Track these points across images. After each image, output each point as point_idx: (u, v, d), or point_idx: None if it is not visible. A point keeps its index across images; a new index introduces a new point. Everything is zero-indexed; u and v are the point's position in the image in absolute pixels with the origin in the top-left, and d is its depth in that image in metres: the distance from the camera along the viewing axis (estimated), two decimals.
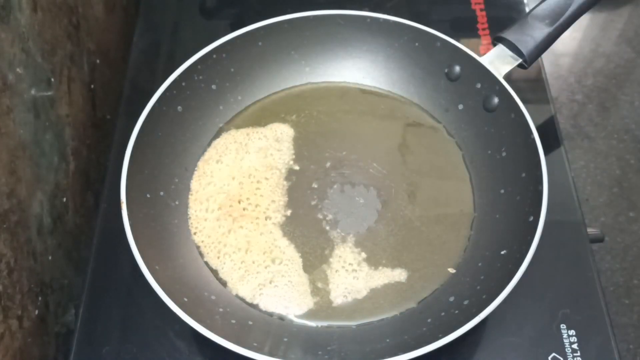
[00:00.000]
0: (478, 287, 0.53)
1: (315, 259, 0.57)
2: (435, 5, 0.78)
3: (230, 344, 0.46)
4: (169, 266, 0.54)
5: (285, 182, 0.61)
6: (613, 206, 1.24)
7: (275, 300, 0.55)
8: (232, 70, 0.65)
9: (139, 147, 0.56)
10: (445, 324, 0.49)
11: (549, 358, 0.53)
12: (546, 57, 0.69)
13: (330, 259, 0.57)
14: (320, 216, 0.59)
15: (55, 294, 0.59)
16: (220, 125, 0.65)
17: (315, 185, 0.61)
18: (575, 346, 0.53)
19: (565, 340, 0.54)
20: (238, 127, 0.65)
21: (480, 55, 0.62)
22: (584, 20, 1.48)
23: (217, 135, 0.64)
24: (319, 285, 0.56)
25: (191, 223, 0.59)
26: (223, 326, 0.51)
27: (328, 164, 0.63)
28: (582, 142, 1.33)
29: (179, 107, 0.61)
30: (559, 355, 0.53)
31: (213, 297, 0.54)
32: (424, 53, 0.65)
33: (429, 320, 0.53)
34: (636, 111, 1.37)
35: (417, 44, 0.65)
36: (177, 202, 0.59)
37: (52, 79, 0.59)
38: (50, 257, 0.58)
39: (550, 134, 0.66)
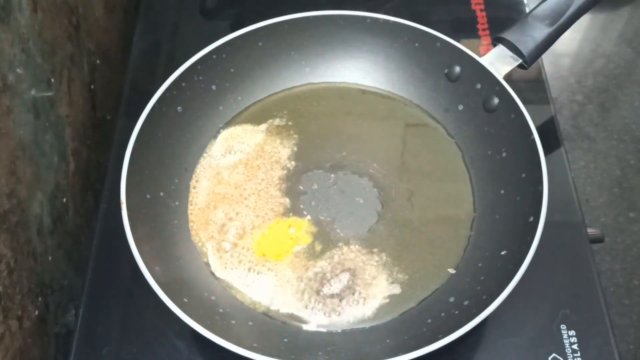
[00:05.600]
0: (478, 288, 0.53)
1: (315, 259, 0.57)
2: (435, 5, 0.78)
3: (230, 344, 0.46)
4: (169, 266, 0.54)
5: (285, 183, 0.61)
6: (613, 206, 1.24)
7: (275, 301, 0.55)
8: (232, 70, 0.65)
9: (139, 147, 0.56)
10: (445, 325, 0.49)
11: (549, 358, 0.53)
12: (546, 58, 0.69)
13: (331, 260, 0.57)
14: (320, 217, 0.59)
15: (55, 294, 0.59)
16: (220, 125, 0.65)
17: (315, 186, 0.61)
18: (575, 347, 0.53)
19: (565, 341, 0.54)
20: (238, 128, 0.65)
21: (480, 55, 0.62)
22: (584, 20, 1.48)
23: (217, 135, 0.64)
24: (320, 286, 0.56)
25: (191, 223, 0.59)
26: (223, 327, 0.51)
27: (328, 165, 0.63)
28: (582, 142, 1.33)
29: (179, 108, 0.61)
30: (559, 355, 0.53)
31: (213, 298, 0.54)
32: (424, 53, 0.65)
33: (429, 320, 0.53)
34: (636, 111, 1.37)
35: (417, 44, 0.65)
36: (177, 203, 0.59)
37: (52, 80, 0.59)
38: (50, 258, 0.58)
39: (551, 134, 0.66)
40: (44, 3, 0.57)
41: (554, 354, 0.53)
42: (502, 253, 0.54)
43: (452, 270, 0.56)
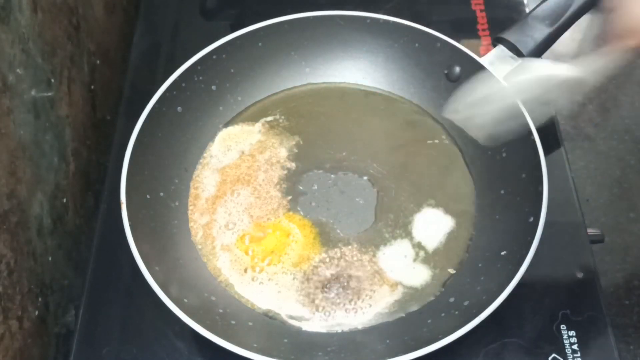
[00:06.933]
0: (478, 288, 0.53)
1: (315, 260, 0.57)
2: (435, 6, 0.78)
3: (230, 344, 0.46)
4: (169, 267, 0.54)
5: (285, 183, 0.61)
6: (613, 207, 1.23)
7: (275, 301, 0.55)
8: (232, 70, 0.65)
9: (139, 147, 0.56)
10: (445, 325, 0.49)
11: (549, 359, 0.53)
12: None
13: (331, 261, 0.57)
14: (321, 218, 0.59)
15: (55, 294, 0.59)
16: (220, 126, 0.65)
17: (315, 187, 0.61)
18: (575, 347, 0.53)
19: (565, 341, 0.54)
20: (238, 128, 0.65)
21: (480, 56, 0.62)
22: (584, 21, 1.48)
23: (217, 135, 0.64)
24: (320, 286, 0.55)
25: (191, 223, 0.59)
26: (223, 327, 0.51)
27: (328, 165, 0.63)
28: (582, 142, 1.33)
29: (179, 108, 0.61)
30: (559, 356, 0.53)
31: (213, 298, 0.54)
32: (424, 54, 0.65)
33: (429, 321, 0.53)
34: (636, 111, 1.37)
35: (417, 44, 0.65)
36: (177, 203, 0.59)
37: (52, 80, 0.59)
38: (50, 258, 0.58)
39: (551, 134, 0.66)
40: (44, 3, 0.57)
41: (554, 354, 0.53)
42: (502, 253, 0.54)
43: (452, 270, 0.56)
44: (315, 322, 0.54)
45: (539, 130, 0.56)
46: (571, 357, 0.53)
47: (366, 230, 0.59)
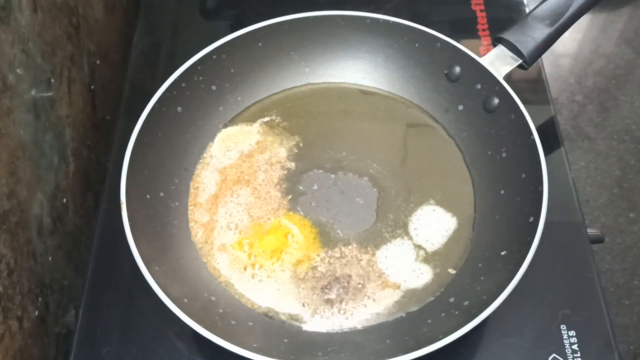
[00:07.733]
0: (478, 288, 0.53)
1: (315, 260, 0.57)
2: (435, 6, 0.78)
3: (230, 344, 0.46)
4: (169, 267, 0.54)
5: (285, 183, 0.61)
6: (613, 207, 1.24)
7: (275, 299, 0.55)
8: (232, 71, 0.65)
9: (139, 147, 0.56)
10: (445, 325, 0.49)
11: (549, 359, 0.53)
12: (546, 58, 0.69)
13: (331, 261, 0.57)
14: (320, 218, 0.59)
15: (55, 294, 0.59)
16: (220, 126, 0.65)
17: (315, 187, 0.61)
18: (575, 347, 0.53)
19: (565, 341, 0.54)
20: (238, 128, 0.65)
21: (480, 56, 0.62)
22: (584, 21, 1.48)
23: (217, 135, 0.64)
24: (319, 286, 0.56)
25: (191, 223, 0.59)
26: (223, 327, 0.51)
27: (328, 165, 0.63)
28: (582, 142, 1.33)
29: (179, 108, 0.61)
30: (559, 356, 0.53)
31: (213, 298, 0.54)
32: (424, 54, 0.65)
33: (429, 321, 0.53)
34: (636, 112, 1.37)
35: (417, 44, 0.65)
36: (177, 203, 0.59)
37: (52, 80, 0.59)
38: (50, 258, 0.58)
39: (551, 134, 0.66)
40: (44, 3, 0.57)
41: (554, 354, 0.53)
42: (502, 253, 0.54)
43: (452, 271, 0.56)
44: (315, 322, 0.54)
45: (539, 130, 0.56)
46: (571, 357, 0.53)
47: (366, 230, 0.59)
